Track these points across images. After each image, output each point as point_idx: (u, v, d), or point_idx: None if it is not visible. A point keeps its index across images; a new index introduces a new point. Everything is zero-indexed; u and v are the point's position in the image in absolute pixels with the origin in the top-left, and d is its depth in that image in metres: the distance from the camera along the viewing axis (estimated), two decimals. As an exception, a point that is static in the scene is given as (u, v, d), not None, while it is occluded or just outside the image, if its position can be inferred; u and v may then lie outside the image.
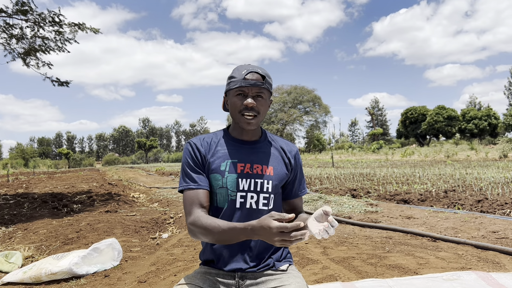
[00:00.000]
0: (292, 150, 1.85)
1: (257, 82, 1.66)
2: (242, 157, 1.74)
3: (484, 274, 2.93)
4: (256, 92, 1.67)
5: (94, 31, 11.60)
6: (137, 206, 8.28)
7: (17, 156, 72.17)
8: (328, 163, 28.28)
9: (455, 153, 30.19)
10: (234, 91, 1.69)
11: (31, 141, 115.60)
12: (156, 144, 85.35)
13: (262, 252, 1.74)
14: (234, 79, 1.69)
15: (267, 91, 1.71)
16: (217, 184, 1.72)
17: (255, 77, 1.66)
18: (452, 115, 57.51)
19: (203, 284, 1.69)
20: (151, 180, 18.10)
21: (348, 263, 3.54)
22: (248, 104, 1.65)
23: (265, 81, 1.68)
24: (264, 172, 1.72)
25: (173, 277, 3.39)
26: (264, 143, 1.81)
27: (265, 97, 1.70)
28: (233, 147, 1.77)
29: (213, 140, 1.80)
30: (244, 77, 1.66)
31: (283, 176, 1.77)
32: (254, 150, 1.77)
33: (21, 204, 8.69)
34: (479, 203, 6.44)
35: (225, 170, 1.71)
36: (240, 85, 1.66)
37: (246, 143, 1.78)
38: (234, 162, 1.73)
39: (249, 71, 1.67)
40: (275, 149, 1.81)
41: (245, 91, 1.66)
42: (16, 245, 4.81)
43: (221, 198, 1.72)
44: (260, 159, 1.75)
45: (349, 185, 10.34)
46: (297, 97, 64.78)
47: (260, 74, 1.68)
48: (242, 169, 1.71)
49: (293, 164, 1.82)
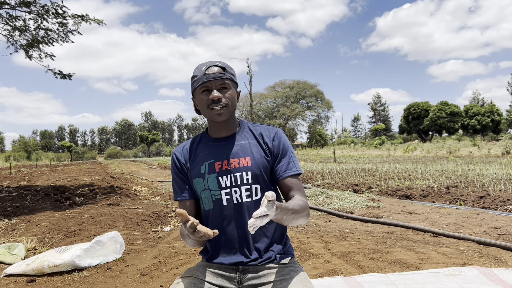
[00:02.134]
0: (270, 133, 1.80)
1: (217, 74, 1.68)
2: (218, 155, 1.75)
3: (486, 270, 2.93)
4: (219, 84, 1.68)
5: (97, 22, 11.59)
6: (139, 200, 8.30)
7: (20, 149, 72.29)
8: (330, 158, 28.26)
9: (457, 149, 30.12)
10: (198, 89, 1.71)
11: (34, 134, 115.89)
12: (158, 138, 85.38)
13: (261, 244, 1.74)
14: (196, 78, 1.71)
15: (231, 81, 1.73)
16: (200, 187, 1.75)
17: (215, 70, 1.68)
18: (455, 111, 57.39)
19: (205, 277, 1.70)
20: (153, 173, 18.13)
21: (349, 258, 3.54)
22: (214, 98, 1.66)
23: (226, 72, 1.70)
24: (242, 164, 1.72)
25: (175, 270, 3.41)
26: (241, 135, 1.80)
27: (229, 87, 1.71)
28: (210, 147, 1.79)
29: (193, 145, 1.85)
30: (205, 73, 1.68)
31: (263, 163, 1.74)
32: (229, 145, 1.77)
33: (24, 196, 8.72)
34: (481, 199, 6.44)
35: (205, 172, 1.74)
36: (203, 81, 1.68)
37: (222, 140, 1.79)
38: (211, 163, 1.75)
39: (207, 66, 1.70)
40: (253, 138, 1.80)
41: (209, 85, 1.68)
42: (18, 237, 4.83)
43: (206, 200, 1.75)
44: (235, 152, 1.75)
45: (351, 180, 10.34)
46: (299, 92, 64.65)
47: (219, 66, 1.70)
48: (220, 167, 1.73)
49: (270, 147, 1.77)
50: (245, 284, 1.70)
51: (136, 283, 3.16)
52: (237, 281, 1.71)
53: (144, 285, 3.10)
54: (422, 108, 61.58)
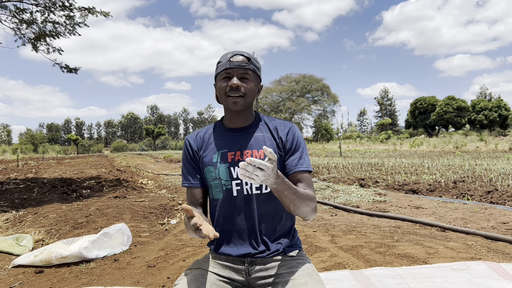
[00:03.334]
0: (285, 127, 1.79)
1: (241, 63, 1.67)
2: (232, 145, 1.75)
3: (494, 265, 2.91)
4: (241, 73, 1.68)
5: (104, 15, 11.59)
6: (145, 192, 8.33)
7: (27, 142, 72.76)
8: (336, 152, 28.20)
9: (464, 144, 29.95)
10: (220, 74, 1.71)
11: (41, 127, 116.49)
12: (164, 131, 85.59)
13: (269, 237, 1.74)
14: (220, 64, 1.72)
15: (254, 73, 1.72)
16: (211, 176, 1.74)
17: (240, 59, 1.69)
18: (462, 105, 56.96)
19: (213, 269, 1.70)
20: (159, 167, 18.18)
21: (356, 252, 3.53)
22: (233, 85, 1.66)
23: (250, 62, 1.69)
24: (255, 156, 1.71)
25: (182, 262, 3.41)
26: (256, 128, 1.80)
27: (251, 78, 1.70)
28: (224, 137, 1.78)
29: (207, 133, 1.84)
30: (229, 60, 1.68)
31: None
32: (244, 136, 1.77)
33: (31, 188, 8.78)
34: (488, 194, 6.40)
35: (217, 162, 1.73)
36: (225, 67, 1.68)
37: (237, 131, 1.78)
38: (224, 152, 1.74)
39: (234, 53, 1.70)
40: (268, 131, 1.79)
41: (231, 72, 1.68)
42: (26, 228, 4.86)
43: (216, 189, 1.74)
44: (250, 144, 1.74)
45: (357, 175, 10.31)
46: (305, 86, 64.41)
47: (245, 56, 1.70)
48: (232, 157, 1.72)
49: (284, 141, 1.76)
50: (253, 276, 1.70)
51: (143, 275, 3.17)
52: (245, 273, 1.71)
53: (151, 277, 3.11)
54: (428, 103, 61.15)
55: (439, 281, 2.68)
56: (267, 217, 1.72)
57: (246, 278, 1.70)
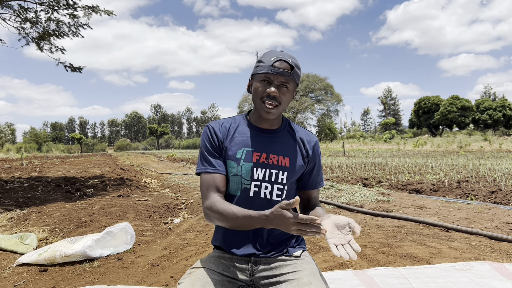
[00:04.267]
0: (311, 141, 1.80)
1: (284, 71, 1.61)
2: (259, 146, 1.71)
3: (498, 265, 2.90)
4: (281, 81, 1.62)
5: (108, 14, 11.61)
6: (149, 191, 8.35)
7: (31, 140, 72.96)
8: (339, 152, 28.17)
9: (468, 143, 29.86)
10: (259, 76, 1.65)
11: (44, 126, 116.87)
12: (167, 130, 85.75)
13: (275, 238, 1.74)
14: (262, 64, 1.64)
15: (293, 82, 1.66)
16: (231, 171, 1.70)
17: (283, 66, 1.61)
18: (466, 105, 56.79)
19: (217, 268, 1.70)
20: (162, 166, 18.21)
21: (359, 252, 3.52)
22: (271, 93, 1.60)
23: (293, 71, 1.63)
24: (280, 163, 1.70)
25: (185, 261, 3.42)
26: (283, 133, 1.77)
27: (290, 87, 1.65)
28: (251, 135, 1.73)
29: (232, 125, 1.77)
30: (272, 64, 1.61)
31: (299, 168, 1.74)
32: (272, 139, 1.74)
33: (35, 187, 8.81)
34: (492, 194, 6.38)
35: (241, 158, 1.69)
36: (266, 72, 1.61)
37: (264, 132, 1.75)
38: (250, 151, 1.70)
39: (278, 58, 1.61)
40: (294, 140, 1.77)
41: (271, 78, 1.62)
42: (30, 227, 4.89)
43: (233, 185, 1.70)
44: (277, 149, 1.72)
45: (360, 174, 10.30)
46: (309, 85, 64.33)
47: (289, 63, 1.62)
48: (258, 158, 1.69)
49: (310, 155, 1.77)
50: (257, 275, 1.70)
51: (147, 273, 3.18)
52: (249, 272, 1.70)
53: (155, 275, 3.12)
54: (432, 102, 61.00)
55: (443, 281, 2.67)
56: None
57: (250, 277, 1.70)
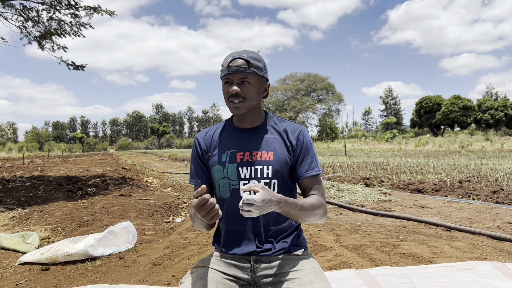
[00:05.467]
0: (295, 130, 1.79)
1: (240, 68, 1.65)
2: (241, 145, 1.75)
3: (500, 265, 2.90)
4: (240, 78, 1.67)
5: (109, 14, 11.62)
6: (150, 191, 8.35)
7: (32, 140, 73.14)
8: (340, 151, 28.15)
9: (469, 143, 29.81)
10: (223, 79, 1.72)
11: (46, 125, 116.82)
12: (169, 130, 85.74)
13: (275, 236, 1.74)
14: (222, 68, 1.72)
15: (254, 75, 1.69)
16: (219, 175, 1.75)
17: (239, 63, 1.66)
18: (467, 105, 56.68)
19: (218, 267, 1.71)
20: (164, 165, 18.22)
21: (361, 251, 3.53)
22: (232, 91, 1.66)
23: (249, 65, 1.66)
24: (264, 158, 1.72)
25: (187, 261, 3.42)
26: (265, 129, 1.80)
27: (252, 81, 1.68)
28: (233, 137, 1.79)
29: (216, 132, 1.85)
30: (228, 65, 1.67)
31: (284, 160, 1.74)
32: (253, 137, 1.77)
33: (37, 186, 8.82)
34: (494, 194, 6.37)
35: (226, 161, 1.74)
36: (225, 73, 1.68)
37: (246, 131, 1.79)
38: (233, 152, 1.74)
39: (233, 57, 1.68)
40: (277, 133, 1.79)
41: (230, 78, 1.68)
42: (32, 226, 4.89)
43: (223, 188, 1.75)
44: (259, 145, 1.75)
45: (362, 174, 10.29)
46: (310, 84, 64.34)
47: (244, 59, 1.66)
48: (241, 157, 1.73)
49: (295, 145, 1.77)
50: (259, 274, 1.70)
51: (149, 272, 3.18)
52: (250, 271, 1.71)
53: (156, 274, 3.12)
54: (434, 102, 60.90)
55: (445, 281, 2.67)
56: (273, 216, 1.73)
57: (252, 276, 1.70)
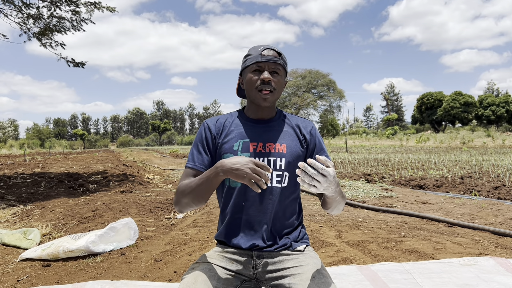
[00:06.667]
0: (307, 126, 1.82)
1: (273, 57, 1.66)
2: (255, 136, 1.74)
3: (503, 260, 2.89)
4: (272, 68, 1.67)
5: (110, 10, 11.60)
6: (151, 187, 8.35)
7: (34, 137, 73.21)
8: (342, 148, 28.13)
9: (471, 139, 29.78)
10: (250, 67, 1.69)
11: (47, 122, 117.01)
12: (170, 126, 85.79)
13: (278, 231, 1.73)
14: (251, 57, 1.70)
15: (283, 69, 1.71)
16: None
17: (271, 53, 1.68)
18: (469, 101, 56.59)
19: (220, 263, 1.70)
20: (165, 162, 18.22)
21: (363, 247, 3.52)
22: (265, 78, 1.64)
23: (281, 57, 1.69)
24: (277, 150, 1.71)
25: (188, 257, 3.42)
26: (278, 121, 1.80)
27: (281, 74, 1.70)
28: (246, 127, 1.77)
29: (227, 120, 1.81)
30: (261, 53, 1.67)
31: (297, 153, 1.74)
32: (267, 128, 1.76)
33: (38, 183, 8.83)
34: (496, 190, 6.36)
35: (238, 150, 1.71)
36: (257, 61, 1.66)
37: (260, 122, 1.78)
38: (246, 142, 1.72)
39: (265, 47, 1.69)
40: (290, 127, 1.80)
41: (262, 66, 1.67)
42: (34, 222, 4.89)
43: None
44: (273, 137, 1.74)
45: (363, 170, 10.28)
46: (311, 81, 64.21)
47: (276, 51, 1.69)
48: (254, 148, 1.71)
49: (308, 140, 1.78)
50: (261, 269, 1.69)
51: (150, 268, 3.18)
52: (252, 266, 1.70)
53: (158, 270, 3.12)
54: (435, 98, 60.78)
55: (447, 276, 2.66)
56: (280, 210, 1.72)
57: (254, 271, 1.69)
